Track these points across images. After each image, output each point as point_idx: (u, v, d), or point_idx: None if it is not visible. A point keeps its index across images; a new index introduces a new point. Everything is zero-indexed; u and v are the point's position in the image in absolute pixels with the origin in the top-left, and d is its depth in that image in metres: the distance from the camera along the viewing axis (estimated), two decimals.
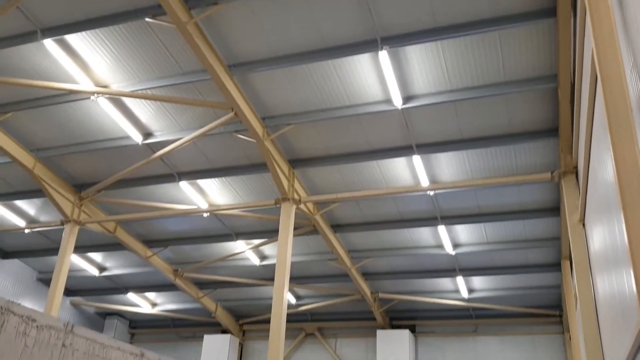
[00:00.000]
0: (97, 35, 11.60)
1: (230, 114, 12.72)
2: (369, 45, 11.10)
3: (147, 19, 10.81)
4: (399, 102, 12.36)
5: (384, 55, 11.17)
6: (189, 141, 13.70)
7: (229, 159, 15.14)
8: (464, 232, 17.32)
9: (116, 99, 13.34)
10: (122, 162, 15.60)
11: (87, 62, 12.33)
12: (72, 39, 11.75)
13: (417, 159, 14.12)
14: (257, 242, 18.76)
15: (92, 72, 12.58)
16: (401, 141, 13.82)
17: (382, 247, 18.66)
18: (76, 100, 13.44)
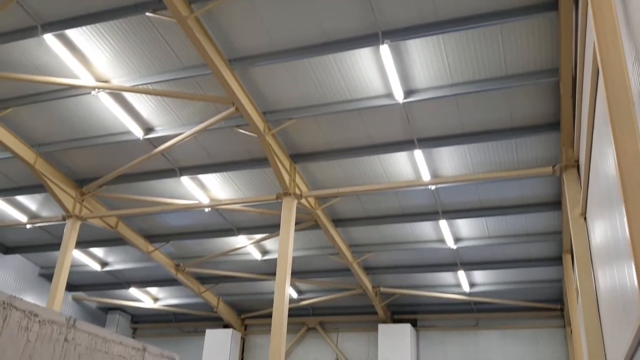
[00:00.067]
0: (98, 30, 11.59)
1: (231, 109, 12.71)
2: (370, 39, 11.07)
3: (147, 14, 10.79)
4: (400, 97, 12.34)
5: (385, 49, 11.14)
6: (190, 136, 13.70)
7: (230, 153, 15.14)
8: (466, 226, 17.32)
9: (117, 93, 13.34)
10: (123, 157, 15.60)
11: (87, 57, 12.31)
12: (73, 33, 11.73)
13: (418, 154, 14.11)
14: (258, 236, 18.78)
15: (93, 67, 12.56)
16: (402, 135, 13.81)
17: (384, 242, 18.67)
18: (77, 95, 13.44)
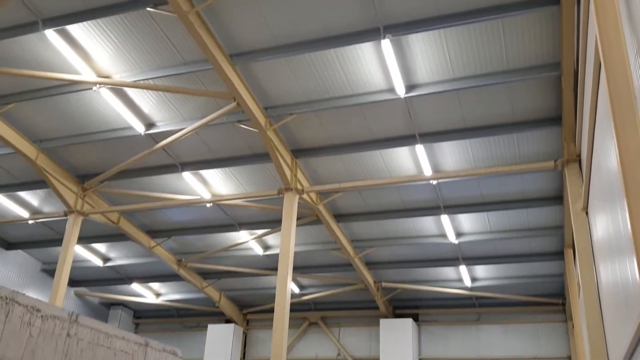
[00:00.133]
0: (99, 25, 11.57)
1: (232, 104, 12.70)
2: (371, 33, 11.04)
3: (148, 9, 10.75)
4: (401, 91, 12.31)
5: (386, 43, 11.11)
6: (192, 131, 13.70)
7: (232, 149, 15.14)
8: (467, 221, 17.32)
9: (118, 89, 13.33)
10: (125, 152, 15.61)
11: (88, 53, 12.30)
12: (74, 29, 11.71)
13: (420, 148, 14.09)
14: (260, 232, 18.80)
15: (94, 62, 12.55)
16: (404, 130, 13.79)
17: (385, 237, 18.68)
18: (78, 90, 13.43)
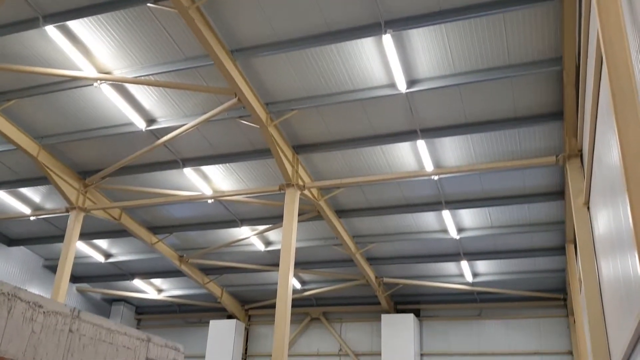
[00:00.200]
0: (99, 21, 11.55)
1: (233, 100, 12.68)
2: (372, 29, 11.01)
3: (149, 4, 10.74)
4: (403, 87, 12.29)
5: (387, 39, 11.09)
6: (193, 127, 13.68)
7: (233, 145, 15.13)
8: (469, 216, 17.32)
9: (119, 85, 13.32)
10: (126, 148, 15.61)
11: (89, 49, 12.29)
12: (74, 25, 11.70)
13: (421, 144, 14.07)
14: (261, 227, 18.80)
15: (95, 58, 12.54)
16: (405, 126, 13.77)
17: (387, 232, 18.68)
18: (79, 87, 13.42)
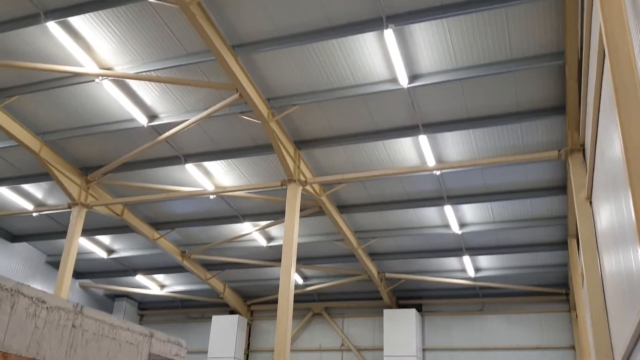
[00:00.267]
0: (101, 17, 11.54)
1: (234, 95, 12.67)
2: (374, 23, 10.99)
3: (150, 0, 10.73)
4: (404, 82, 12.27)
5: (389, 33, 11.06)
6: (194, 123, 13.69)
7: (234, 140, 15.13)
8: (471, 211, 17.31)
9: (120, 81, 13.31)
10: (128, 144, 15.62)
11: (90, 45, 12.28)
12: (76, 21, 11.69)
13: (423, 139, 14.05)
14: (263, 223, 18.82)
15: (96, 54, 12.54)
16: (407, 121, 13.76)
17: (389, 227, 18.68)
18: (81, 83, 13.43)
